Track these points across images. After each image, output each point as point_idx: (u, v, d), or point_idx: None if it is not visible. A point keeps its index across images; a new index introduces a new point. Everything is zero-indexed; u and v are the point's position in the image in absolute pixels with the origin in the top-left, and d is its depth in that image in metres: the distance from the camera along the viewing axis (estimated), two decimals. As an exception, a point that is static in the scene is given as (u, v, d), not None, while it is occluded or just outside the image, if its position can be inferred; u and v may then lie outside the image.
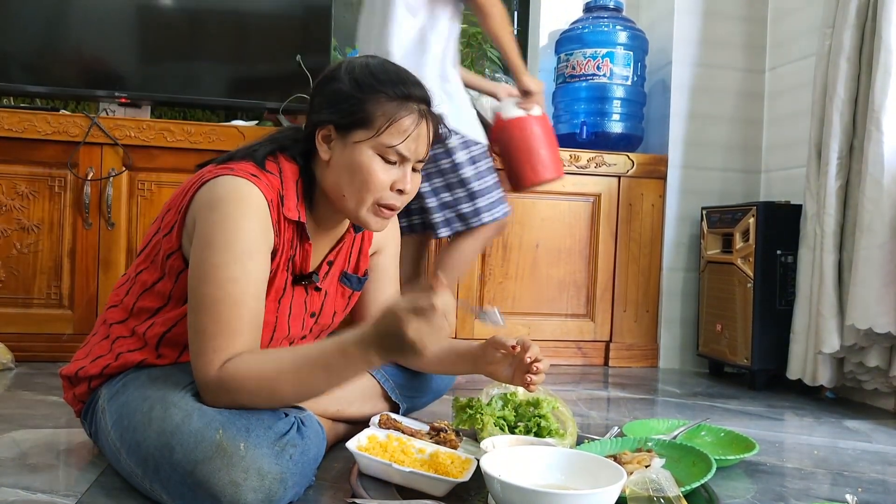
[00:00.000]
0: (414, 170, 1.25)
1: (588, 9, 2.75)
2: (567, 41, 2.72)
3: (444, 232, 2.04)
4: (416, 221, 2.11)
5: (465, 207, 2.03)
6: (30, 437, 1.44)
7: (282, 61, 2.56)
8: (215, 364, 1.07)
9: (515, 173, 2.15)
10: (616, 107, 2.65)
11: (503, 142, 2.15)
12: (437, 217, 2.03)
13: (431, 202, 2.02)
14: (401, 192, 1.23)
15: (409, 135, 1.20)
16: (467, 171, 2.01)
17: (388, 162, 1.20)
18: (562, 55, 2.73)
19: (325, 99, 1.23)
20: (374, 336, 1.03)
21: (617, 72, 2.63)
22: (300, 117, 2.56)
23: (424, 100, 1.23)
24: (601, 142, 2.65)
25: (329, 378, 1.06)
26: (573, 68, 2.67)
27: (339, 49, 2.76)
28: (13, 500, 1.11)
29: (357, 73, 1.22)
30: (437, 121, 1.26)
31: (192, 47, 2.55)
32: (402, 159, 1.21)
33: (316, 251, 1.31)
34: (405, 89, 1.20)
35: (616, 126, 2.65)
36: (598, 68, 2.62)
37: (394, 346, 1.02)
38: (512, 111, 2.15)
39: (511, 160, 2.15)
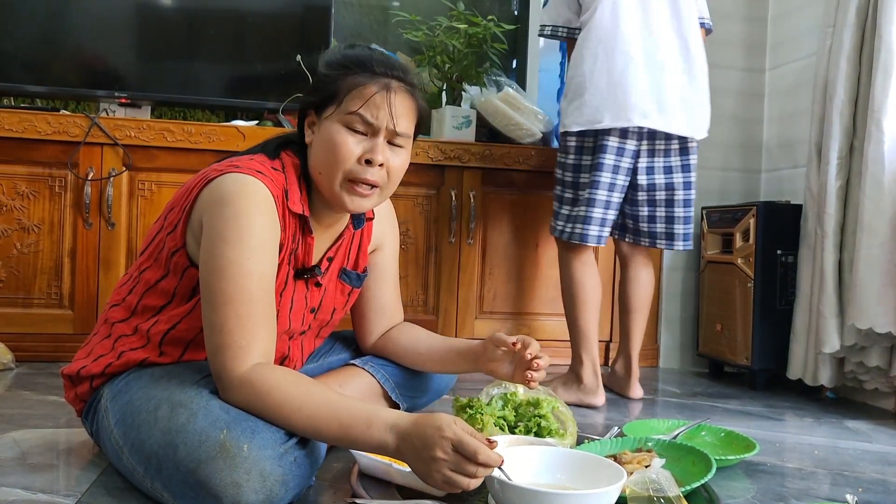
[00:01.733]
0: (396, 145, 1.24)
1: None
2: None
3: (687, 246, 2.08)
4: (633, 228, 2.09)
5: None
6: (30, 437, 1.44)
7: (281, 61, 2.56)
8: (242, 363, 1.07)
9: None
10: None
11: None
12: (687, 229, 2.06)
13: (689, 212, 2.06)
14: (369, 162, 1.20)
15: (372, 99, 1.19)
16: None
17: (355, 132, 1.20)
18: None
19: (308, 88, 1.29)
20: (407, 432, 1.01)
21: None
22: (300, 117, 2.55)
23: (393, 75, 1.23)
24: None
25: (342, 435, 1.05)
26: None
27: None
28: (13, 500, 1.11)
29: (329, 56, 1.26)
30: (415, 100, 1.25)
31: (191, 47, 2.55)
32: (370, 128, 1.20)
33: (316, 247, 1.31)
34: (371, 66, 1.22)
35: None
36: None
37: (414, 455, 1.00)
38: None
39: None
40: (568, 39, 2.11)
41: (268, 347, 1.12)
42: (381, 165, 1.21)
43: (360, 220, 1.39)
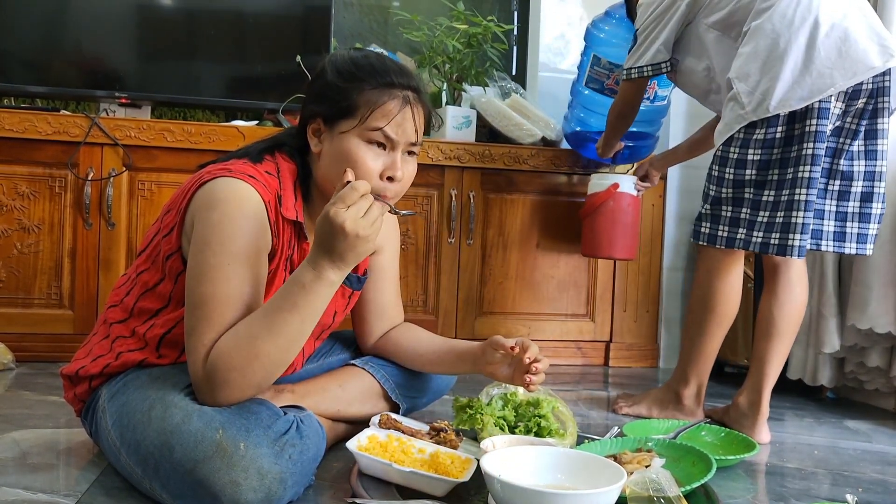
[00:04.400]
0: (410, 153, 1.25)
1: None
2: (611, 46, 2.38)
3: (861, 250, 1.69)
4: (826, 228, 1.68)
5: None
6: (30, 437, 1.44)
7: (282, 61, 2.56)
8: (201, 360, 1.08)
9: (602, 241, 2.35)
10: (651, 129, 2.51)
11: (607, 210, 2.32)
12: (863, 228, 1.68)
13: (868, 207, 1.66)
14: (391, 179, 1.22)
15: (394, 117, 1.19)
16: None
17: (374, 147, 1.20)
18: (603, 60, 2.40)
19: (313, 93, 1.26)
20: (317, 247, 1.05)
21: (660, 93, 2.43)
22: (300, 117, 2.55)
23: (409, 86, 1.23)
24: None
25: (300, 316, 1.06)
26: (616, 84, 2.31)
27: (339, 49, 2.77)
28: (13, 499, 1.11)
29: (340, 64, 1.23)
30: (426, 107, 1.26)
31: (191, 47, 2.55)
32: (390, 143, 1.21)
33: (313, 251, 1.31)
34: (387, 77, 1.21)
35: (644, 147, 2.53)
36: (644, 90, 2.31)
37: (336, 244, 1.03)
38: (629, 187, 2.32)
39: (603, 228, 2.34)
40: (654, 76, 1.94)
41: None
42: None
43: (359, 222, 1.38)
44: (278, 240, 1.20)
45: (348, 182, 1.06)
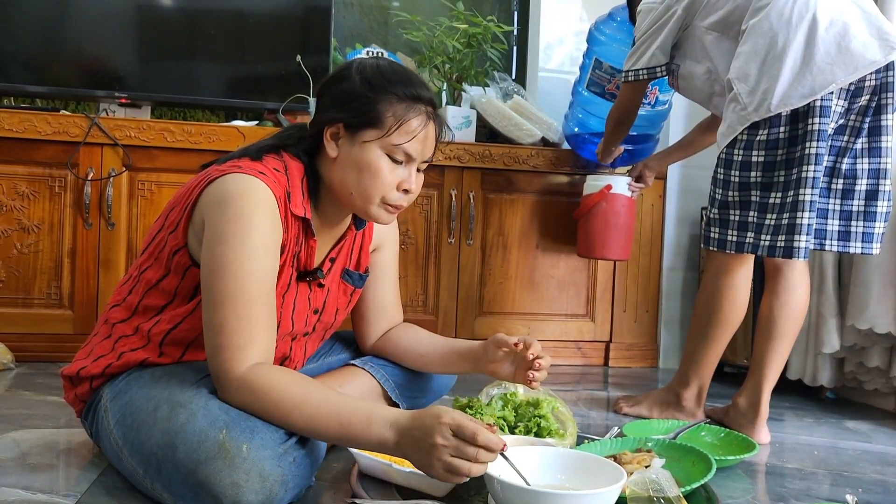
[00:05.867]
0: (418, 170, 1.27)
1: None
2: (612, 50, 2.37)
3: (867, 249, 1.66)
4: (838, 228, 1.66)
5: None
6: (30, 437, 1.44)
7: (282, 61, 2.56)
8: (240, 363, 1.07)
9: (595, 242, 2.37)
10: (652, 132, 2.51)
11: (600, 211, 2.35)
12: (868, 227, 1.65)
13: (873, 206, 1.64)
14: (406, 191, 1.25)
15: (417, 135, 1.22)
16: None
17: (395, 161, 1.22)
18: (605, 64, 2.39)
19: (335, 97, 1.25)
20: (406, 426, 1.02)
21: (661, 98, 2.42)
22: (300, 117, 2.55)
23: (431, 101, 1.25)
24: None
25: (342, 434, 1.05)
26: (617, 88, 2.30)
27: (339, 49, 2.76)
28: (13, 500, 1.11)
29: (368, 72, 1.24)
30: (441, 123, 1.28)
31: (192, 47, 2.55)
32: (409, 159, 1.23)
33: (319, 248, 1.32)
34: (414, 90, 1.22)
35: (645, 150, 2.53)
36: (646, 96, 2.28)
37: (415, 447, 1.00)
38: (623, 188, 2.34)
39: (597, 229, 2.36)
40: (648, 80, 1.95)
41: (267, 348, 1.12)
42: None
43: (362, 221, 1.39)
44: (287, 235, 1.21)
45: (489, 426, 1.01)
